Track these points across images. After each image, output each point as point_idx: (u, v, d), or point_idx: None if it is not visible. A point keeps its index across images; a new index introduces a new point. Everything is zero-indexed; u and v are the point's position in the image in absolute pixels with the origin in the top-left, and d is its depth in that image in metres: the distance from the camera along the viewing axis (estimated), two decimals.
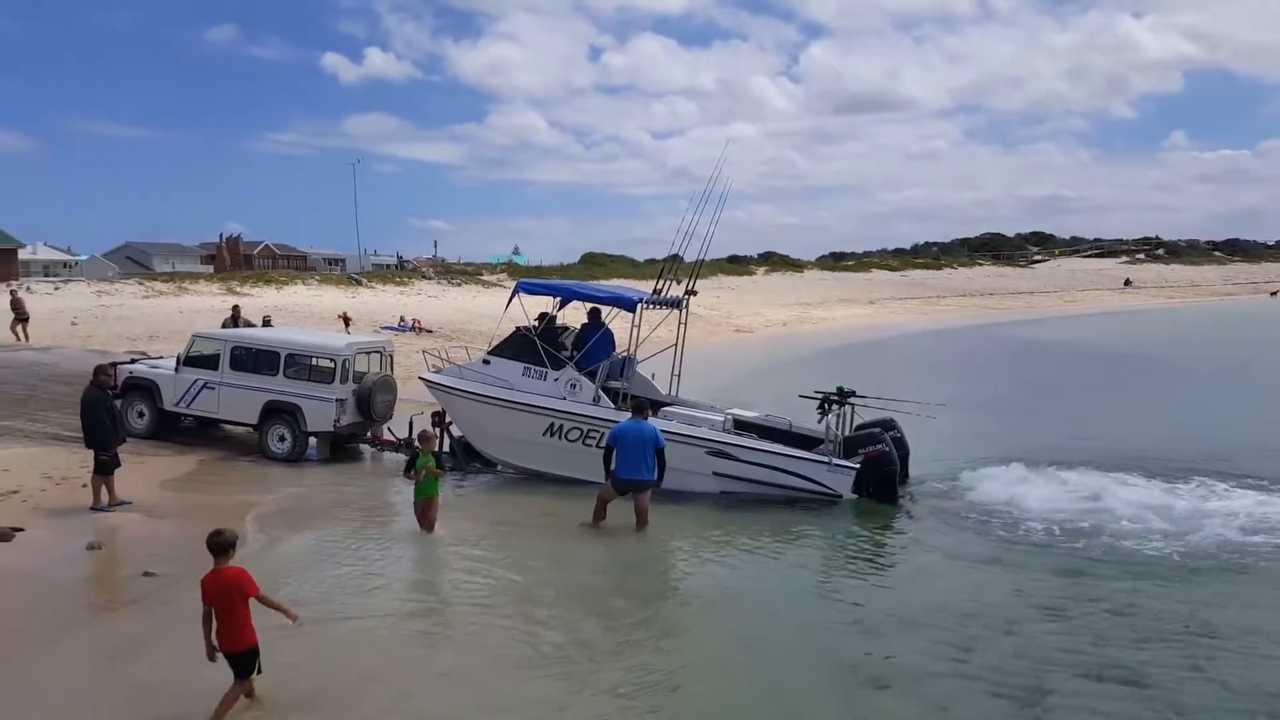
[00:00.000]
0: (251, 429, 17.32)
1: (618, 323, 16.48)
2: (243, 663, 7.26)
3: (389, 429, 17.82)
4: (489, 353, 16.41)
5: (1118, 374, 34.92)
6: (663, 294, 16.41)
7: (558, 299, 17.64)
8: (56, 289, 44.56)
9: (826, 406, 15.36)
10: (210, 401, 17.28)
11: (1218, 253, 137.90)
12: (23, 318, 29.54)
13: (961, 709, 7.91)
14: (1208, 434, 20.71)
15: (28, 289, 43.38)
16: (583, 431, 15.36)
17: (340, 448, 17.59)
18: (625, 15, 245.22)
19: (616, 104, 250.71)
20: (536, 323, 16.61)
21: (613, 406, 15.35)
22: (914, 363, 38.29)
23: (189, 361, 17.49)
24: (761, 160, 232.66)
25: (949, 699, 8.07)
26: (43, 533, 11.88)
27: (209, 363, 17.34)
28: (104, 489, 13.32)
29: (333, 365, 16.92)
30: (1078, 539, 12.83)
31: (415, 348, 24.12)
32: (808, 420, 15.88)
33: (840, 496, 14.63)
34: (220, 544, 7.27)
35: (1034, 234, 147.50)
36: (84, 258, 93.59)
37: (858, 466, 14.62)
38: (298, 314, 39.48)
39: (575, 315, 17.72)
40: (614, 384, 15.94)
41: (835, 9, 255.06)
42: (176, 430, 17.93)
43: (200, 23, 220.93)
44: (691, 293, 16.72)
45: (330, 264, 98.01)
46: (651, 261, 70.14)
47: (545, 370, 15.72)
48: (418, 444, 13.11)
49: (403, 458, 15.41)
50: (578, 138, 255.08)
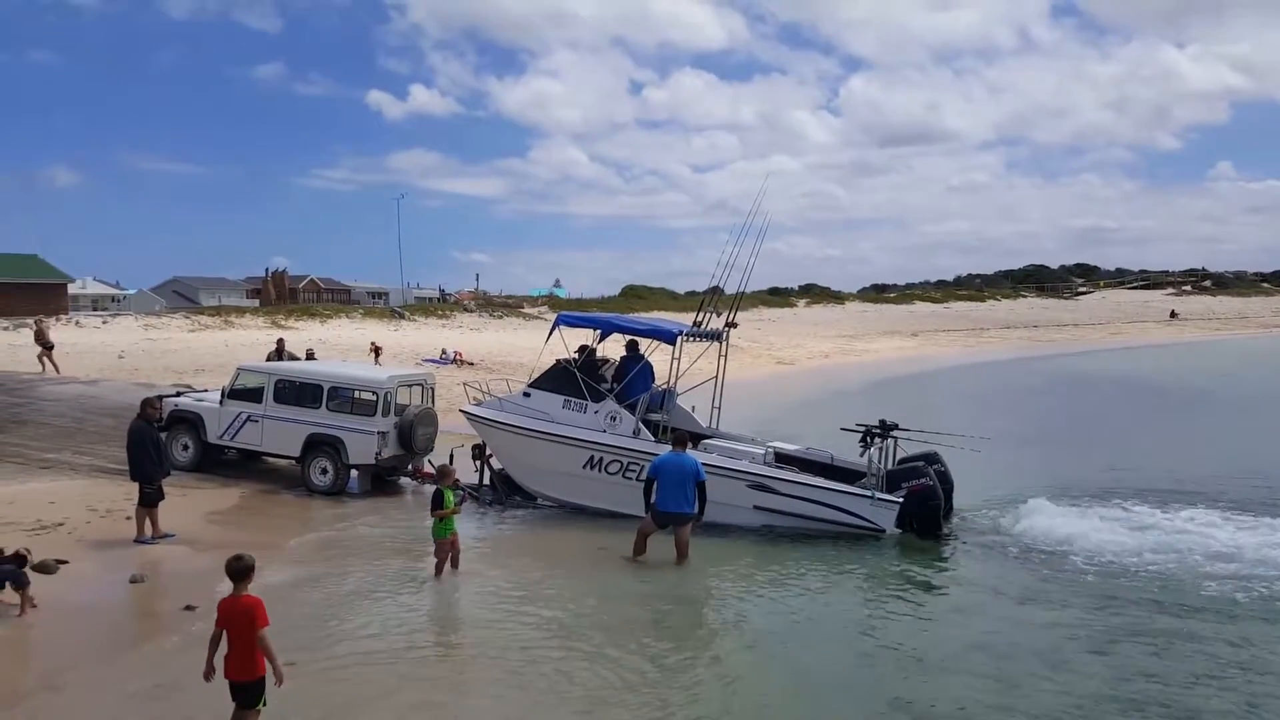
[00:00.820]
0: (294, 461, 17.38)
1: (658, 355, 16.43)
2: (247, 694, 7.11)
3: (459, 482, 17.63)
4: (529, 385, 16.42)
5: (1164, 407, 34.31)
6: (703, 326, 16.36)
7: (598, 331, 17.64)
8: (105, 323, 45.19)
9: (869, 439, 15.20)
10: (254, 434, 17.38)
11: (1266, 284, 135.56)
12: (47, 346, 29.89)
13: None
14: (1256, 467, 20.27)
15: (76, 323, 44.17)
16: (623, 464, 15.29)
17: (381, 480, 17.61)
18: (665, 51, 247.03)
19: (657, 138, 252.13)
20: (577, 355, 16.60)
21: (653, 439, 15.28)
22: (958, 396, 37.85)
23: (233, 394, 17.60)
24: (802, 193, 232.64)
25: None
26: (87, 565, 11.95)
27: (253, 396, 17.44)
28: (148, 521, 13.42)
29: (375, 398, 16.95)
30: (1124, 574, 12.59)
31: (456, 380, 24.17)
32: (850, 453, 15.70)
33: (883, 531, 14.43)
34: (240, 569, 7.19)
35: (1078, 266, 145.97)
36: (131, 292, 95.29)
37: (901, 501, 14.43)
38: (341, 347, 39.73)
39: (615, 348, 17.70)
40: (654, 416, 15.87)
41: (875, 42, 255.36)
42: (220, 463, 18.05)
43: (248, 60, 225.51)
44: (732, 325, 16.65)
45: (373, 297, 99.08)
46: (692, 294, 70.19)
47: (585, 403, 15.69)
48: (440, 479, 12.96)
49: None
50: (618, 171, 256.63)
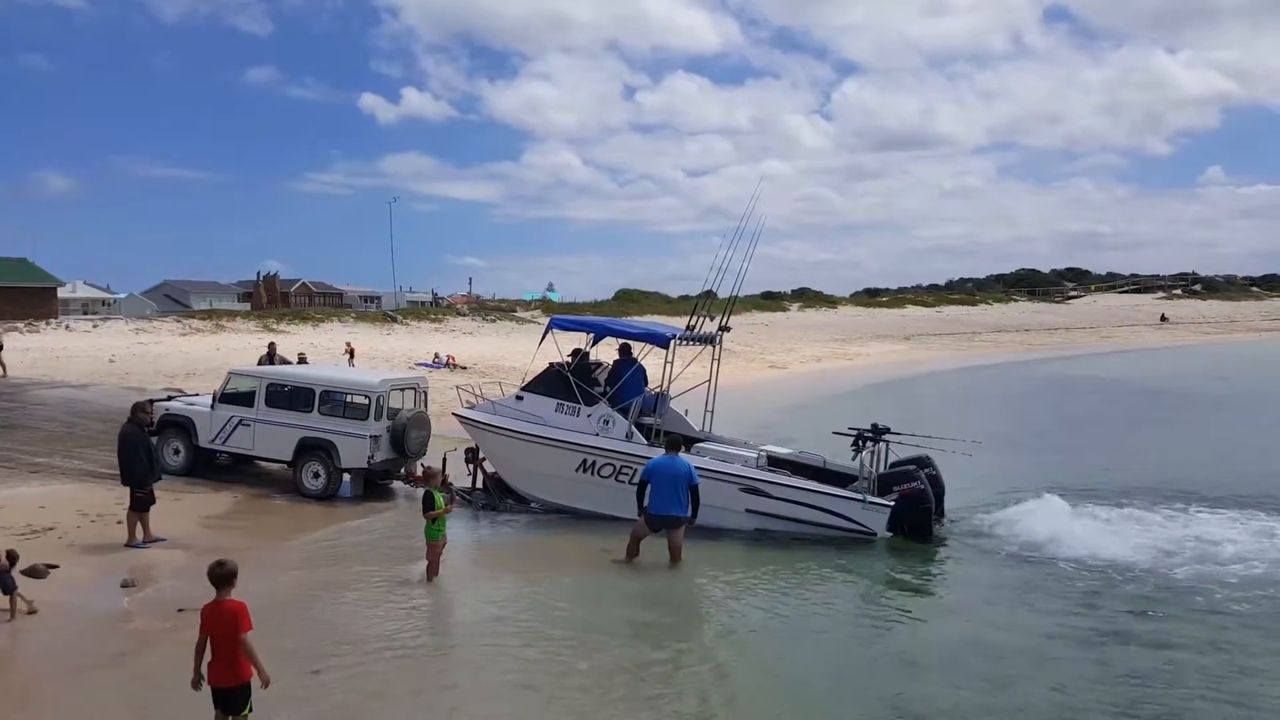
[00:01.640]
0: (286, 465, 17.34)
1: (651, 359, 16.45)
2: (232, 699, 7.03)
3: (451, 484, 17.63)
4: (522, 388, 16.42)
5: (1154, 410, 34.40)
6: (696, 330, 16.37)
7: (591, 335, 17.64)
8: (95, 326, 45.12)
9: (861, 443, 15.23)
10: (245, 438, 17.34)
11: (1255, 288, 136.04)
12: None
13: None
14: (1244, 468, 20.45)
15: (67, 327, 44.04)
16: (615, 468, 15.29)
17: (374, 484, 17.56)
18: (659, 55, 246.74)
19: (651, 142, 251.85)
20: (570, 359, 16.60)
21: (645, 443, 15.29)
22: (950, 400, 37.94)
23: (225, 398, 17.57)
24: (795, 197, 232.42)
25: None
26: (77, 569, 11.91)
27: (245, 400, 17.41)
28: (139, 526, 13.38)
29: (367, 402, 16.92)
30: (1115, 576, 12.66)
31: (450, 384, 24.16)
32: (842, 457, 15.73)
33: (875, 534, 14.45)
34: (222, 575, 7.12)
35: (1070, 270, 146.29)
36: (122, 296, 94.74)
37: (892, 504, 14.46)
38: (334, 351, 39.74)
39: (609, 352, 17.70)
40: (647, 420, 15.89)
41: (868, 47, 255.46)
42: (212, 467, 17.99)
43: (240, 64, 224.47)
44: (725, 329, 16.66)
45: (366, 301, 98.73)
46: (685, 298, 70.08)
47: (578, 406, 15.69)
48: (425, 481, 13.02)
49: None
50: (612, 176, 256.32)
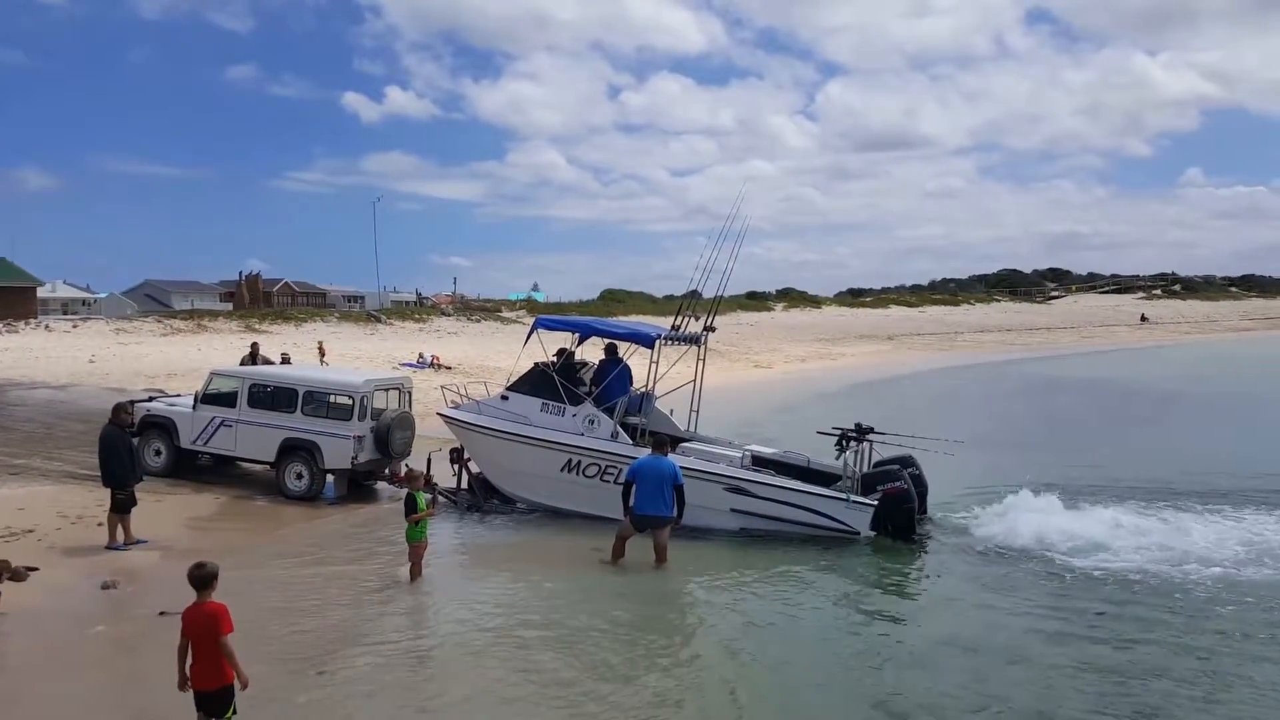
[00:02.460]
0: (269, 467, 17.25)
1: (637, 359, 16.45)
2: (214, 702, 7.00)
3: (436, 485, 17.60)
4: (507, 388, 16.40)
5: (1134, 408, 34.67)
6: (681, 330, 16.38)
7: (576, 335, 17.63)
8: (75, 327, 44.78)
9: (844, 443, 15.26)
10: (228, 439, 17.23)
11: (1234, 288, 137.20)
12: None
13: None
14: (1223, 464, 20.63)
15: (46, 326, 43.71)
16: (600, 468, 15.29)
17: (358, 485, 17.50)
18: (643, 55, 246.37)
19: (635, 142, 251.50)
20: (555, 359, 16.58)
21: (630, 442, 15.29)
22: (934, 399, 38.10)
23: (207, 399, 17.47)
24: (779, 197, 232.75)
25: None
26: (58, 572, 11.80)
27: (227, 400, 17.31)
28: (120, 527, 13.29)
29: (351, 402, 16.84)
30: (1095, 572, 12.79)
31: (434, 384, 24.10)
32: (827, 456, 15.76)
33: (858, 533, 14.50)
34: (202, 577, 7.09)
35: (1051, 270, 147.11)
36: (103, 295, 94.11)
37: (875, 503, 14.51)
38: (314, 352, 39.56)
39: (595, 352, 17.69)
40: (632, 420, 15.89)
41: (852, 48, 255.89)
42: (193, 468, 17.87)
43: (220, 61, 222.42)
44: (710, 329, 16.68)
45: (350, 301, 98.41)
46: (670, 298, 70.10)
47: (563, 406, 15.68)
48: (407, 483, 13.02)
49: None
50: (597, 175, 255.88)
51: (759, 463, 15.67)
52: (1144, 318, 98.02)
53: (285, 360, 25.35)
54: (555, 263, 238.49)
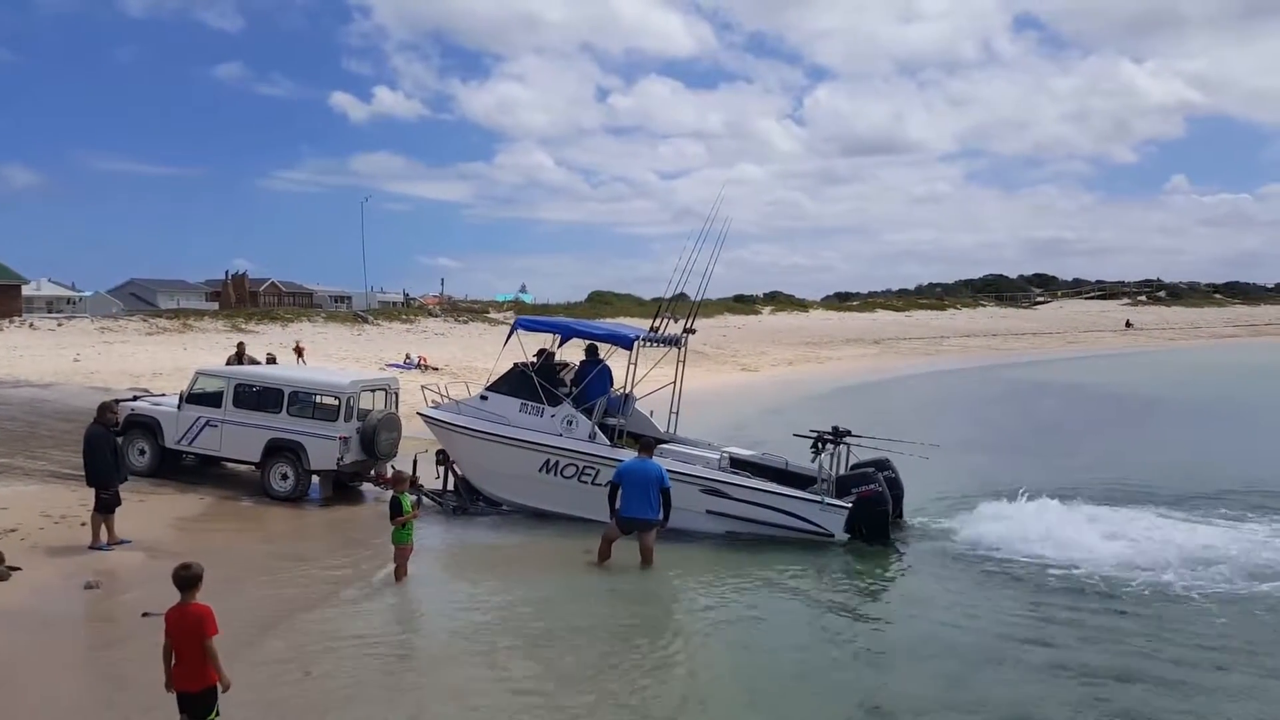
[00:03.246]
0: (254, 467, 17.28)
1: (621, 360, 16.53)
2: (196, 704, 6.98)
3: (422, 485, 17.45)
4: (487, 388, 16.51)
5: (1116, 413, 34.97)
6: (661, 332, 16.51)
7: (557, 336, 17.74)
8: (60, 325, 44.72)
9: (820, 446, 15.39)
10: (212, 439, 17.24)
11: (1218, 295, 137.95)
12: None
13: None
14: (1203, 470, 20.81)
15: (31, 325, 43.62)
16: (578, 468, 15.42)
17: (343, 487, 17.57)
18: (632, 58, 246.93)
19: (624, 145, 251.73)
20: (535, 359, 16.71)
21: (608, 443, 15.43)
22: (919, 403, 38.26)
23: (192, 399, 17.47)
24: (767, 201, 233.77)
25: None
26: (40, 572, 11.84)
27: (212, 400, 17.32)
28: (103, 527, 13.35)
29: (336, 403, 16.90)
30: (1071, 575, 12.93)
31: (420, 385, 24.20)
32: (806, 459, 15.85)
33: (833, 535, 14.64)
34: (187, 578, 7.08)
35: (1037, 275, 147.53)
36: (88, 294, 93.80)
37: (850, 506, 14.63)
38: (308, 352, 39.62)
39: (577, 353, 17.81)
40: (611, 421, 16.01)
41: (840, 53, 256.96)
42: (178, 468, 17.89)
43: (207, 60, 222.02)
44: (690, 331, 16.82)
45: (337, 301, 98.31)
46: (658, 300, 70.08)
47: (542, 406, 15.79)
48: (393, 485, 13.15)
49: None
50: (585, 177, 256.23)
51: (737, 464, 15.80)
52: (1129, 324, 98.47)
53: (271, 360, 25.44)
54: (543, 264, 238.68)
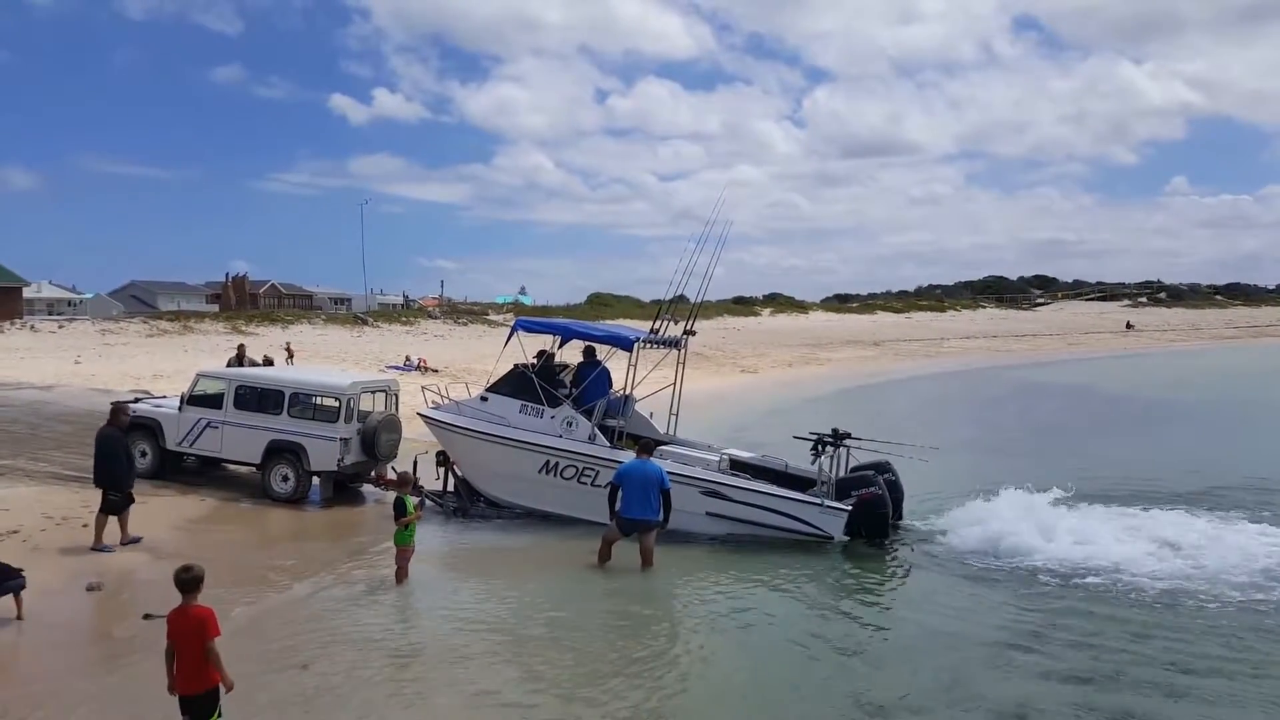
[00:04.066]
0: (254, 469, 17.30)
1: (621, 362, 16.56)
2: (199, 706, 7.01)
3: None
4: (487, 389, 16.55)
5: (1116, 415, 34.99)
6: (661, 334, 16.55)
7: (557, 338, 17.79)
8: (60, 327, 44.74)
9: (820, 448, 15.41)
10: (213, 441, 17.27)
11: (1219, 296, 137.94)
12: None
13: None
14: (1204, 471, 20.79)
15: (32, 327, 43.67)
16: (578, 469, 15.46)
17: (344, 488, 17.60)
18: (631, 59, 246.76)
19: (622, 146, 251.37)
20: (535, 360, 16.74)
21: (608, 445, 15.46)
22: (920, 405, 38.30)
23: (193, 400, 17.50)
24: (766, 203, 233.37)
25: None
26: (42, 573, 11.77)
27: (213, 402, 17.35)
28: (108, 528, 13.35)
29: (337, 404, 16.93)
30: (1071, 576, 12.98)
31: (421, 386, 24.24)
32: (806, 461, 15.86)
33: (832, 538, 14.67)
34: (188, 580, 7.11)
35: (1036, 277, 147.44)
36: (88, 296, 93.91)
37: (849, 508, 14.66)
38: (303, 353, 39.68)
39: (577, 355, 17.82)
40: (611, 422, 16.05)
41: (839, 55, 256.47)
42: (179, 470, 17.92)
43: (206, 62, 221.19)
44: (690, 333, 16.86)
45: (336, 303, 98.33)
46: (657, 302, 70.03)
47: (542, 408, 15.83)
48: (397, 487, 13.21)
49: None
50: (584, 179, 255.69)
51: (737, 466, 15.84)
52: (1129, 325, 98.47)
53: (268, 362, 25.49)
54: (542, 266, 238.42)
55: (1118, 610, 11.67)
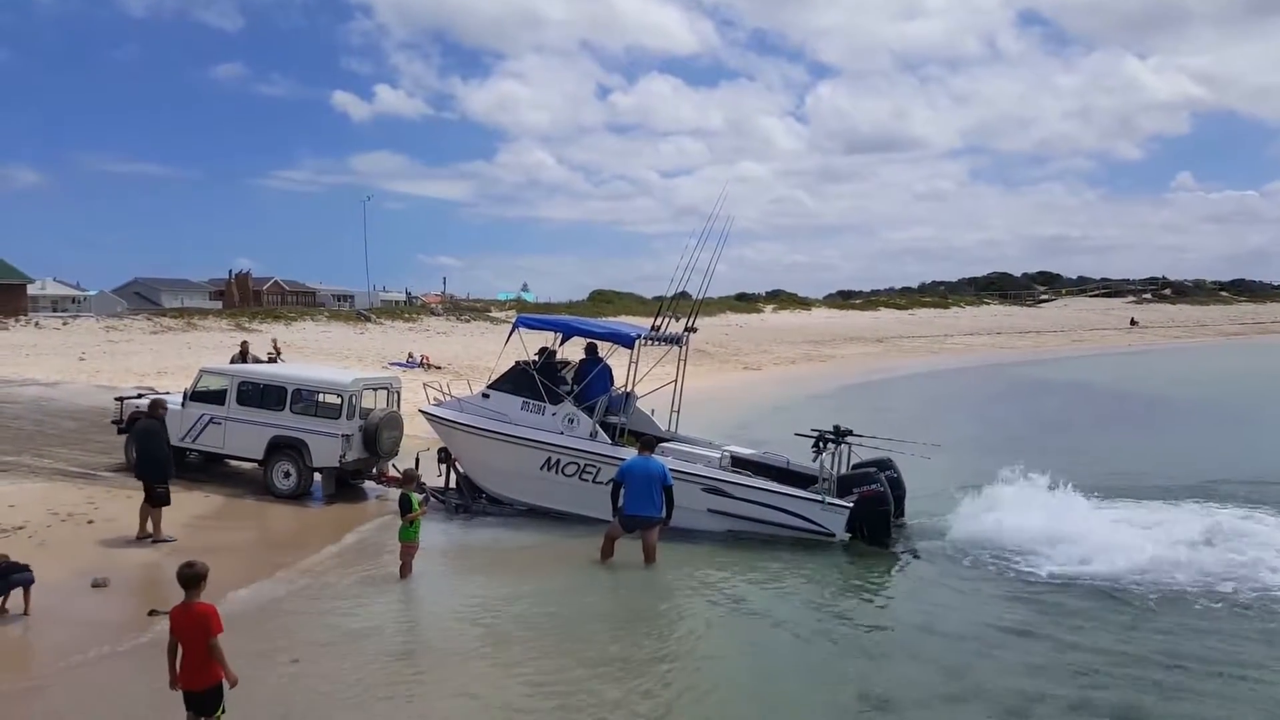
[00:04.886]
0: (257, 464, 17.36)
1: (623, 359, 16.57)
2: (204, 702, 7.05)
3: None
4: (488, 386, 16.59)
5: (1120, 412, 35.01)
6: (662, 330, 16.57)
7: (559, 334, 17.81)
8: (65, 324, 44.77)
9: (821, 445, 15.39)
10: (216, 437, 17.34)
11: (1224, 293, 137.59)
12: None
13: None
14: (1207, 467, 20.79)
15: (36, 324, 43.75)
16: (579, 466, 15.49)
17: (346, 484, 17.64)
18: (633, 55, 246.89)
19: (625, 143, 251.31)
20: (536, 357, 16.79)
21: (609, 441, 15.50)
22: (923, 401, 38.32)
23: (196, 396, 17.56)
24: (769, 199, 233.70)
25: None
26: (48, 570, 11.79)
27: (216, 398, 17.41)
28: (150, 520, 13.57)
29: (339, 401, 17.01)
30: (1071, 571, 13.02)
31: (423, 382, 24.28)
32: (807, 458, 15.83)
33: (834, 535, 14.66)
34: (191, 576, 7.12)
35: (1041, 274, 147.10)
36: (93, 293, 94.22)
37: (851, 505, 14.65)
38: (305, 351, 39.77)
39: (579, 352, 17.85)
40: (613, 419, 16.08)
41: (842, 50, 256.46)
42: (182, 466, 17.79)
43: (207, 60, 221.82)
44: (691, 329, 16.88)
45: (339, 300, 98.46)
46: (660, 299, 70.16)
47: (543, 404, 15.86)
48: (403, 484, 13.27)
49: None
50: (587, 176, 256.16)
51: (738, 463, 15.86)
52: (1134, 322, 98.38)
53: (272, 359, 25.54)
54: (544, 263, 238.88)
55: (1121, 606, 11.71)
